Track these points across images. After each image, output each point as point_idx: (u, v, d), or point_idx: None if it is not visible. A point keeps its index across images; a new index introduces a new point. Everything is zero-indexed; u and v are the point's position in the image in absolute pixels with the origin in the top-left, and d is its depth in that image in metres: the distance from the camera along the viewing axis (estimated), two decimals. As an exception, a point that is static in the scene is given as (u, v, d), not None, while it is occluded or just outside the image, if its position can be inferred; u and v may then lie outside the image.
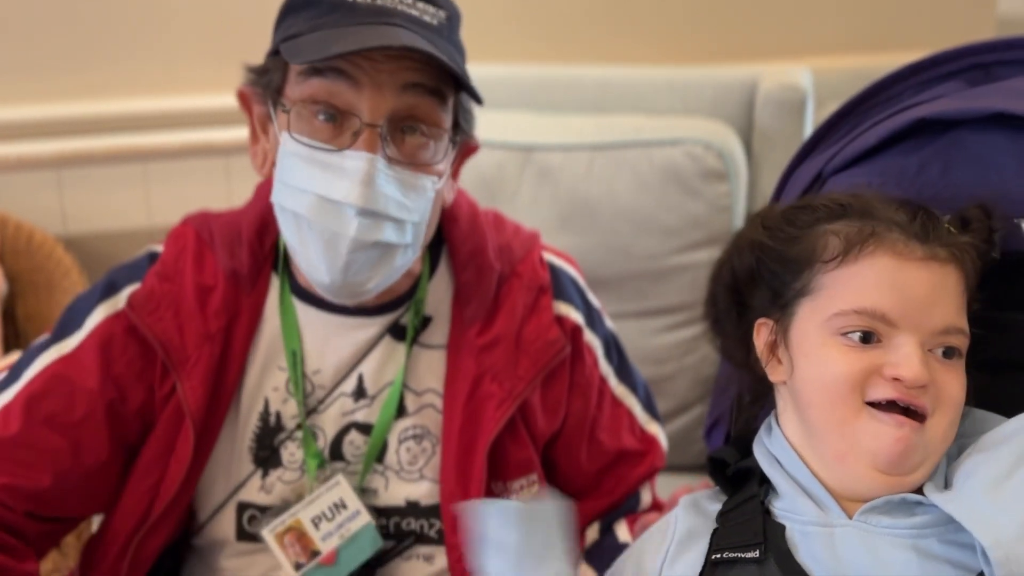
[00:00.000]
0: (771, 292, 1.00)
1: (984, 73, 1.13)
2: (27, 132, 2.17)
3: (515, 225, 1.40)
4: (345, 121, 1.17)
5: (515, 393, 1.27)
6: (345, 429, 1.29)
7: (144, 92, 2.25)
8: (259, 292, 1.29)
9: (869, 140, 1.09)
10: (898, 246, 0.93)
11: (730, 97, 2.13)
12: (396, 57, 1.15)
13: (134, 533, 1.24)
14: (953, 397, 0.93)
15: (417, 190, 1.18)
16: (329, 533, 1.25)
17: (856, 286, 0.94)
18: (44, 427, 1.21)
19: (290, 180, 1.18)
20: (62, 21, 2.17)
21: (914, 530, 0.90)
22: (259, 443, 1.28)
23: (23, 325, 2.08)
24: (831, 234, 0.96)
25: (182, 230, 1.31)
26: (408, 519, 1.29)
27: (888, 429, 0.91)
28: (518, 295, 1.31)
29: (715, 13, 2.54)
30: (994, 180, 1.01)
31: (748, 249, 1.02)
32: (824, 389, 0.94)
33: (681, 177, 1.98)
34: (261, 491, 1.28)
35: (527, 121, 2.08)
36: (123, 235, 2.21)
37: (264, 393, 1.28)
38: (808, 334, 0.96)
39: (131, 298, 1.25)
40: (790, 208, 1.03)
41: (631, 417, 1.41)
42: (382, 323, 1.29)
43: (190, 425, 1.22)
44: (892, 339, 0.92)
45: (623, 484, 1.38)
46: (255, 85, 1.25)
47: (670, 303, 2.01)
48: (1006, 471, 0.88)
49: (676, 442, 2.04)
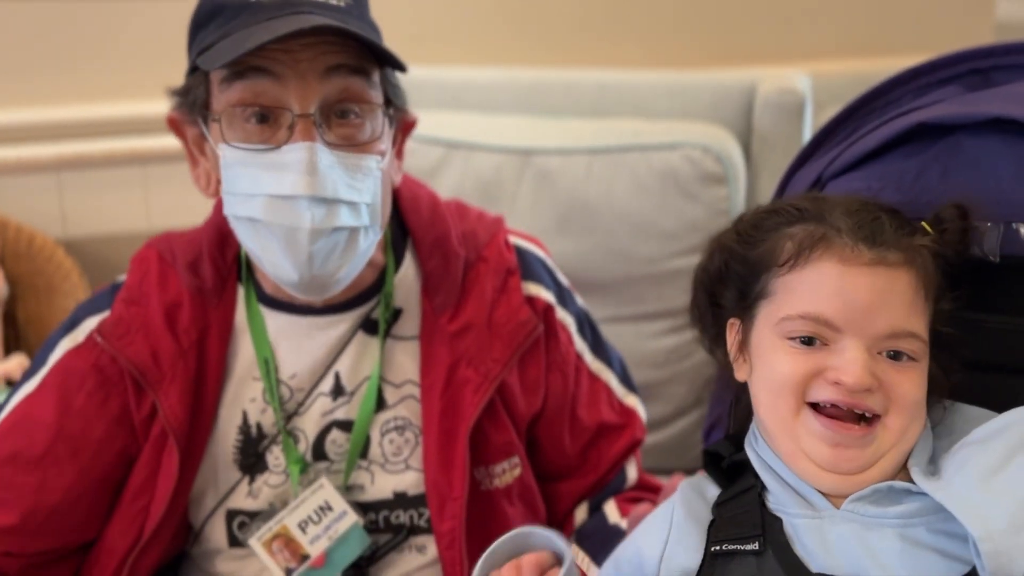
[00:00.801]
0: (738, 293, 1.02)
1: (982, 78, 1.14)
2: (27, 135, 2.17)
3: (478, 211, 1.40)
4: (278, 118, 1.17)
5: (491, 376, 1.28)
6: (326, 429, 1.30)
7: (144, 96, 2.25)
8: (227, 304, 1.29)
9: (868, 144, 1.10)
10: (844, 251, 0.94)
11: (729, 101, 2.14)
12: (312, 44, 1.15)
13: (128, 554, 1.25)
14: (906, 397, 0.93)
15: (363, 171, 1.18)
16: (317, 536, 1.26)
17: (803, 291, 0.95)
18: (7, 466, 1.22)
19: (237, 189, 1.18)
20: (62, 25, 2.18)
21: (901, 519, 0.91)
22: (243, 453, 1.29)
23: (23, 328, 2.08)
24: (787, 238, 0.98)
25: (144, 254, 1.32)
26: (397, 511, 1.30)
27: (824, 435, 0.92)
28: (486, 279, 1.32)
29: (714, 17, 2.55)
30: (992, 184, 1.02)
31: (719, 251, 1.05)
32: (770, 390, 0.96)
33: (680, 181, 1.98)
34: (249, 497, 1.29)
35: (526, 125, 2.09)
36: (123, 238, 2.21)
37: (242, 406, 1.29)
38: (762, 337, 0.98)
39: (101, 326, 1.26)
40: (762, 211, 1.05)
41: (608, 391, 1.42)
42: (352, 319, 1.30)
43: (174, 443, 1.23)
44: (837, 343, 0.93)
45: (606, 458, 1.39)
46: (181, 107, 1.25)
47: (668, 307, 2.01)
48: (998, 463, 0.89)
49: (674, 446, 2.05)
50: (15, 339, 2.08)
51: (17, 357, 1.95)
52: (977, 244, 1.01)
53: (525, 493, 1.34)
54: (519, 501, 1.33)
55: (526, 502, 1.35)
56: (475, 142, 2.01)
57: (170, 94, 1.26)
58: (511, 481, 1.32)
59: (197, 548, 1.31)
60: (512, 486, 1.32)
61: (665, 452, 1.99)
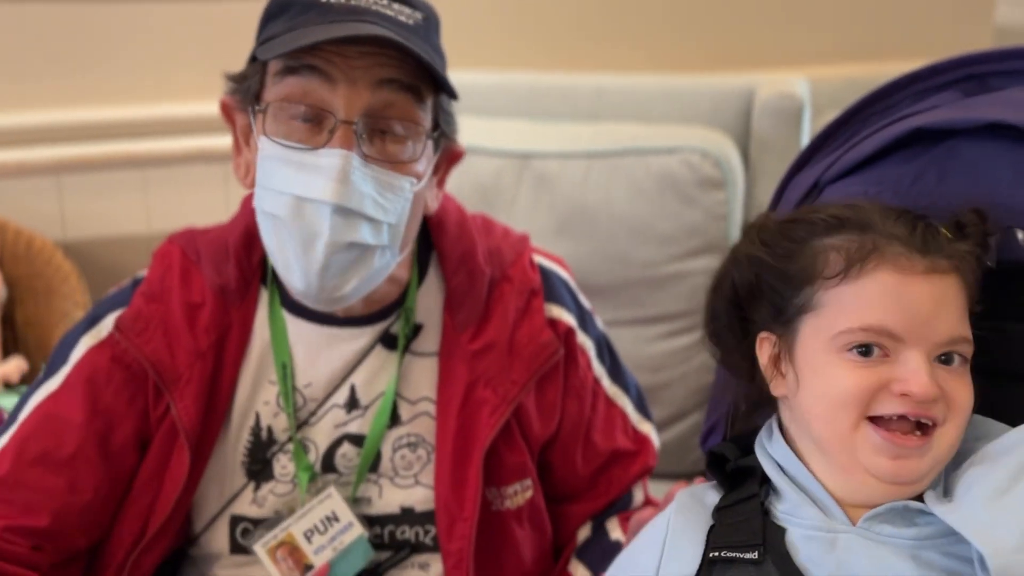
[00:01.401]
0: (772, 307, 0.99)
1: (979, 83, 1.14)
2: (27, 138, 2.17)
3: (504, 228, 1.39)
4: (321, 120, 1.16)
5: (509, 398, 1.26)
6: (337, 441, 1.28)
7: (143, 99, 2.26)
8: (248, 306, 1.28)
9: (866, 149, 1.10)
10: (900, 260, 0.93)
11: (727, 105, 2.14)
12: (370, 54, 1.14)
13: (131, 551, 1.23)
14: (963, 404, 0.93)
15: (394, 190, 1.17)
16: (322, 546, 1.24)
17: (860, 303, 0.93)
18: (37, 467, 1.20)
19: (269, 183, 1.17)
20: (62, 28, 2.18)
21: (916, 540, 0.90)
22: (251, 457, 1.27)
23: (22, 330, 2.08)
24: (831, 250, 0.96)
25: (167, 249, 1.31)
26: (403, 527, 1.29)
27: (885, 449, 0.91)
28: (510, 299, 1.31)
29: (712, 22, 2.56)
30: (989, 190, 1.02)
31: (747, 264, 1.01)
32: (830, 405, 0.93)
33: (678, 185, 1.98)
34: (253, 504, 1.27)
35: (524, 129, 2.09)
36: (122, 241, 2.21)
37: (255, 407, 1.28)
38: (815, 352, 0.95)
39: (118, 321, 1.24)
40: (787, 221, 1.02)
41: (624, 417, 1.40)
42: (373, 333, 1.29)
43: (185, 444, 1.21)
44: (899, 354, 0.92)
45: (617, 484, 1.38)
46: (235, 93, 1.24)
47: (667, 311, 2.01)
48: (1006, 483, 0.88)
49: (672, 450, 2.04)
50: (13, 341, 2.08)
51: (15, 359, 1.95)
52: None
53: (535, 515, 1.33)
54: (528, 523, 1.32)
55: (535, 524, 1.33)
56: (474, 146, 2.00)
57: (227, 79, 1.25)
58: (522, 503, 1.31)
59: (197, 550, 1.30)
60: (523, 508, 1.31)
61: (662, 456, 1.97)
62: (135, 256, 2.21)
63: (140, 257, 2.21)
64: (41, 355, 2.01)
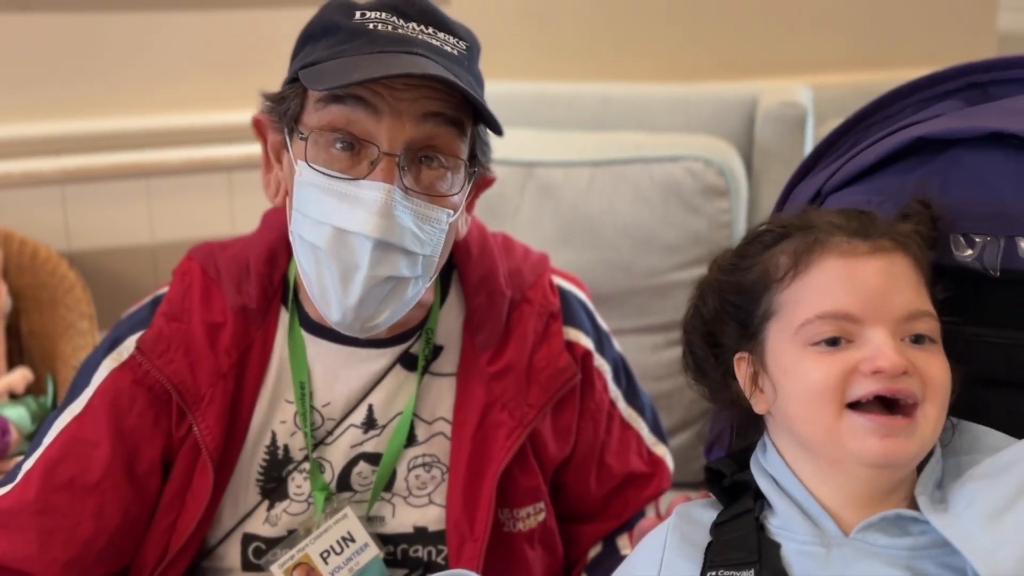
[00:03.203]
0: (739, 325, 1.01)
1: (981, 92, 1.14)
2: (31, 149, 2.18)
3: (524, 248, 1.39)
4: (363, 150, 1.14)
5: (525, 422, 1.26)
6: (353, 460, 1.28)
7: (147, 109, 2.26)
8: (268, 325, 1.27)
9: (868, 158, 1.10)
10: (842, 246, 0.95)
11: (730, 114, 2.14)
12: (416, 86, 1.13)
13: (153, 571, 1.23)
14: (938, 380, 0.93)
15: (432, 222, 1.16)
16: (338, 567, 1.24)
17: (813, 293, 0.95)
18: (64, 492, 1.19)
19: (308, 211, 1.15)
20: (66, 39, 2.19)
21: (910, 551, 0.90)
22: (266, 475, 1.27)
23: (27, 341, 2.08)
24: (779, 254, 0.98)
25: (187, 266, 1.30)
26: (416, 546, 1.28)
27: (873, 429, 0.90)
28: (529, 321, 1.30)
29: (715, 30, 2.56)
30: (991, 199, 1.02)
31: (709, 292, 1.04)
32: (806, 401, 0.94)
33: (682, 193, 1.98)
34: (266, 523, 1.27)
35: (528, 138, 2.09)
36: (127, 251, 2.22)
37: (272, 426, 1.27)
38: (782, 353, 0.97)
39: (140, 342, 1.24)
40: (740, 245, 1.05)
41: (639, 440, 1.40)
42: (392, 354, 1.28)
43: (209, 464, 1.21)
44: (861, 336, 0.93)
45: (630, 507, 1.38)
46: (271, 113, 1.22)
47: (670, 319, 2.01)
48: (1007, 501, 0.88)
49: (676, 458, 2.02)
50: (18, 352, 2.08)
51: (21, 370, 1.95)
52: (977, 258, 1.01)
53: (546, 537, 1.33)
54: (540, 545, 1.32)
55: (546, 545, 1.33)
56: (477, 155, 2.01)
57: (263, 97, 1.23)
58: (534, 525, 1.30)
59: (209, 563, 1.29)
60: (535, 530, 1.30)
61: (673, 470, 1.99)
62: (140, 266, 2.22)
63: (144, 267, 2.22)
64: (46, 366, 2.01)
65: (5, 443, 1.83)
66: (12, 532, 1.17)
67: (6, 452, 1.83)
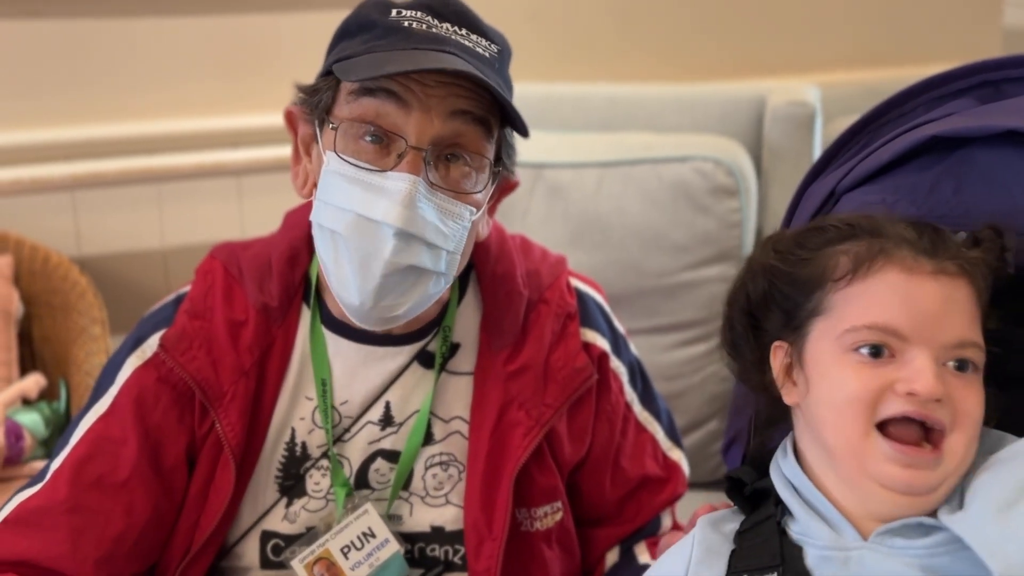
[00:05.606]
0: (784, 314, 1.00)
1: (994, 90, 1.13)
2: (42, 155, 2.19)
3: (542, 249, 1.40)
4: (391, 143, 1.16)
5: (542, 421, 1.26)
6: (371, 457, 1.28)
7: (156, 114, 2.27)
8: (290, 323, 1.28)
9: (882, 157, 1.10)
10: (907, 261, 0.94)
11: (739, 113, 2.15)
12: (447, 83, 1.15)
13: (177, 567, 1.24)
14: (970, 413, 0.92)
15: (455, 218, 1.17)
16: (359, 562, 1.24)
17: (867, 302, 0.93)
18: (94, 491, 1.20)
19: (331, 199, 1.17)
20: (75, 45, 2.19)
21: (927, 549, 0.90)
22: (285, 472, 1.28)
23: (39, 346, 2.09)
24: (841, 254, 0.97)
25: (209, 265, 1.31)
26: (433, 545, 1.29)
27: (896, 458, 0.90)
28: (546, 322, 1.31)
29: (723, 30, 2.56)
30: (1006, 197, 1.02)
31: (761, 273, 1.02)
32: (837, 408, 0.93)
33: (691, 194, 1.98)
34: (285, 520, 1.28)
35: (537, 139, 2.07)
36: (137, 255, 2.23)
37: (291, 423, 1.28)
38: (822, 353, 0.96)
39: (163, 339, 1.25)
40: (801, 231, 1.03)
41: (654, 443, 1.40)
42: (410, 351, 1.29)
43: (231, 461, 1.22)
44: (905, 354, 0.92)
45: (645, 511, 1.38)
46: (304, 104, 1.24)
47: (681, 319, 2.01)
48: (1015, 494, 0.88)
49: (688, 458, 2.03)
50: (31, 357, 2.09)
51: (33, 375, 1.96)
52: None
53: (564, 537, 1.33)
54: (557, 544, 1.32)
55: (564, 546, 1.33)
56: (486, 157, 2.02)
57: (297, 89, 1.25)
58: (552, 525, 1.31)
59: (227, 563, 1.30)
60: (552, 529, 1.31)
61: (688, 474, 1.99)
62: (150, 270, 2.23)
63: (155, 271, 2.23)
64: (59, 371, 2.02)
65: (19, 449, 1.84)
66: (44, 531, 1.18)
67: (20, 457, 1.84)
